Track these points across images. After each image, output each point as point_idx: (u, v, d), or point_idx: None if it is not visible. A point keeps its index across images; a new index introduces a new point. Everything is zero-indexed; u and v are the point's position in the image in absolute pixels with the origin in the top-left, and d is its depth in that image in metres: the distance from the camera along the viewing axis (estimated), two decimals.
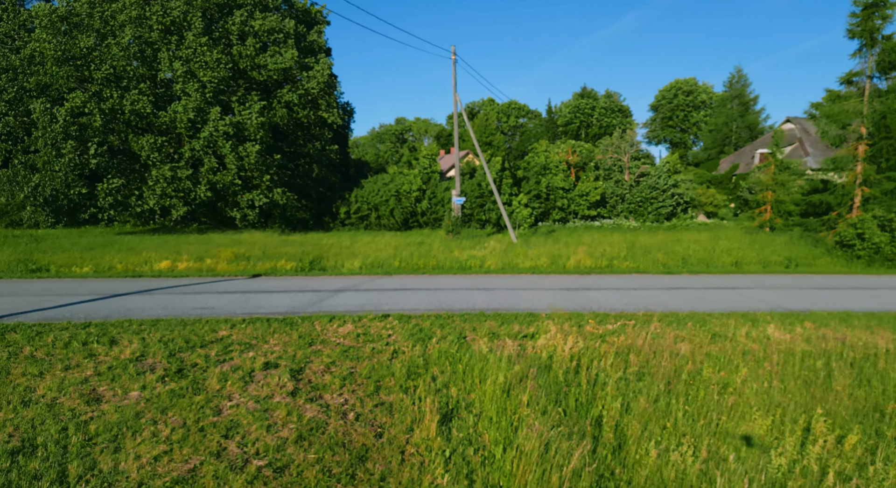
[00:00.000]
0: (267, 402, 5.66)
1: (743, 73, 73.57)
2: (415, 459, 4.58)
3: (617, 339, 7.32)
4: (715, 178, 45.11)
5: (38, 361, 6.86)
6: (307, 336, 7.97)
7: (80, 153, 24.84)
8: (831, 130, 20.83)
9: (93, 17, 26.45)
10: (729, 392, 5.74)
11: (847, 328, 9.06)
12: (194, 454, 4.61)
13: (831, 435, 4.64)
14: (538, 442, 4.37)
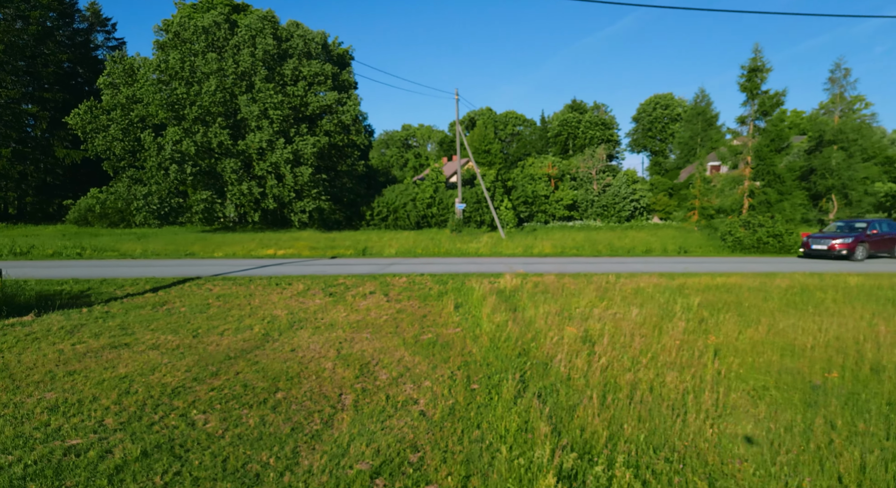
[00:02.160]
0: (376, 303, 12.47)
1: (706, 94, 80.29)
2: (444, 318, 11.40)
3: (538, 281, 14.14)
4: (675, 186, 51.82)
5: (255, 291, 13.73)
6: (385, 282, 14.82)
7: (179, 172, 31.79)
8: (728, 157, 27.53)
9: (183, 70, 33.37)
10: (583, 297, 12.53)
11: (662, 278, 15.84)
12: (358, 320, 11.47)
13: (608, 307, 11.42)
14: (492, 317, 11.19)
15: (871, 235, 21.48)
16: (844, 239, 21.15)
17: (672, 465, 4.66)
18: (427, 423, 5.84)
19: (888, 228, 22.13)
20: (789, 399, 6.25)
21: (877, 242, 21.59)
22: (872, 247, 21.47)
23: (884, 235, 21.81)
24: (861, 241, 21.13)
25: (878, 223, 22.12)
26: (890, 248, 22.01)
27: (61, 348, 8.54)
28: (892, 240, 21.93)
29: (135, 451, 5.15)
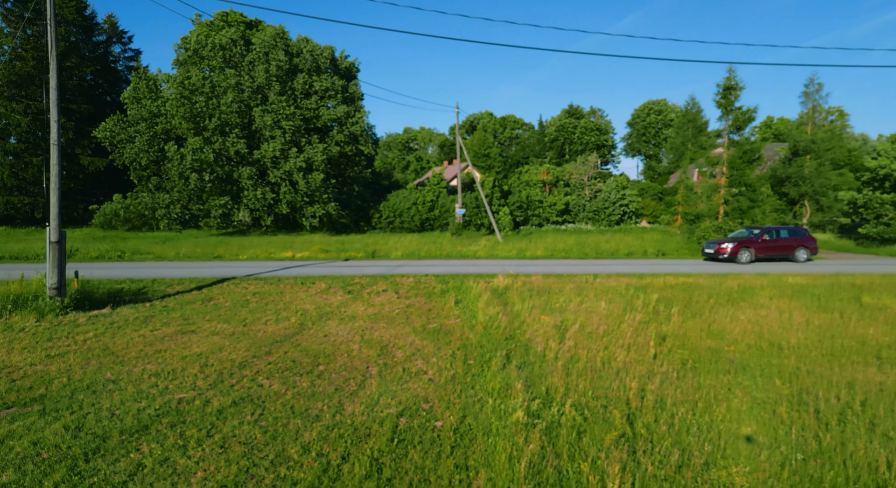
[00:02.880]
0: (386, 298, 14.46)
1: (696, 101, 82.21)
2: (446, 311, 13.39)
3: (527, 281, 16.14)
4: (665, 190, 53.76)
5: (285, 289, 15.74)
6: (395, 282, 16.82)
7: (199, 180, 33.83)
8: (705, 167, 29.55)
9: (204, 86, 35.40)
10: (563, 294, 14.53)
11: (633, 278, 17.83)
12: (375, 313, 13.47)
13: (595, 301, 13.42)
14: (486, 310, 13.20)
15: (759, 241, 23.07)
16: (728, 244, 22.95)
17: (604, 406, 6.67)
18: (434, 386, 7.83)
19: (788, 234, 23.63)
20: (713, 364, 8.25)
21: (766, 247, 23.08)
22: (760, 252, 22.96)
23: (776, 241, 23.29)
24: (745, 246, 22.79)
25: (777, 230, 23.69)
26: (786, 253, 23.39)
27: (143, 333, 10.55)
28: (786, 246, 23.41)
29: (227, 402, 7.16)
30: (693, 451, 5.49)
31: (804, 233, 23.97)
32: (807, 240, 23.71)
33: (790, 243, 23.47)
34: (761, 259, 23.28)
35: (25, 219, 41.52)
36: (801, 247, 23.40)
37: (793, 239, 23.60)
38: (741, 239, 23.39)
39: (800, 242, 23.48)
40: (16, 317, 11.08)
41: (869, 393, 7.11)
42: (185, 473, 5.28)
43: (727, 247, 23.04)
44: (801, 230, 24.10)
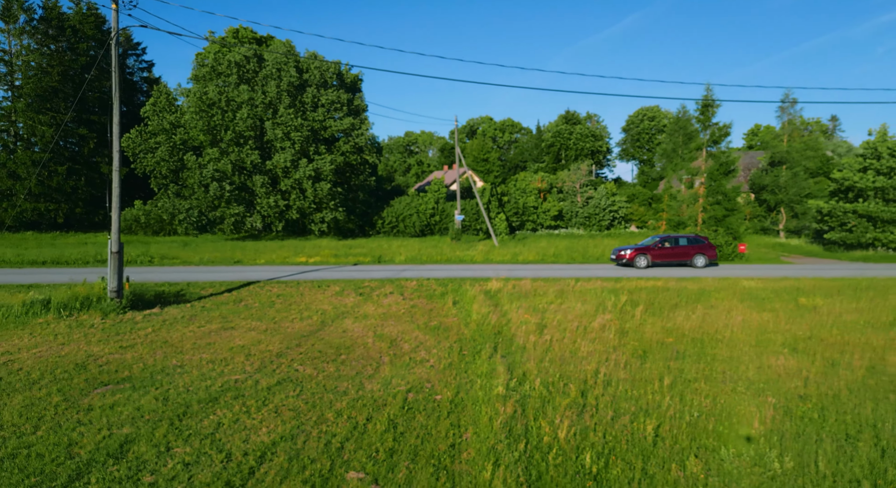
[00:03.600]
0: (393, 299, 16.31)
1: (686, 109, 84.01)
2: (445, 311, 15.25)
3: (516, 284, 18.01)
4: (654, 196, 55.58)
5: (305, 291, 17.60)
6: (400, 285, 18.69)
7: (218, 189, 35.74)
8: (685, 178, 31.40)
9: (220, 100, 37.32)
10: (546, 297, 16.38)
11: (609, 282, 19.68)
12: (384, 312, 15.32)
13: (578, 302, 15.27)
14: (479, 310, 15.05)
15: (656, 248, 24.74)
16: (628, 250, 24.74)
17: (565, 383, 8.54)
18: (435, 371, 9.69)
19: (687, 242, 25.08)
20: (660, 354, 10.11)
21: (663, 254, 24.72)
22: (656, 258, 24.62)
23: (674, 248, 24.85)
24: (642, 253, 24.52)
25: (677, 238, 25.25)
26: (684, 259, 24.82)
27: (192, 329, 12.41)
28: (684, 253, 24.83)
29: (272, 382, 9.02)
30: (624, 413, 7.37)
31: (703, 241, 25.34)
32: (705, 247, 25.05)
33: (688, 250, 24.91)
34: (658, 264, 24.78)
35: (50, 225, 43.39)
36: (698, 253, 24.80)
37: (691, 246, 25.04)
38: (641, 246, 25.13)
39: (698, 249, 24.88)
40: (84, 315, 12.96)
41: (772, 373, 8.98)
42: (253, 428, 7.15)
43: (626, 253, 24.68)
44: (700, 238, 25.47)
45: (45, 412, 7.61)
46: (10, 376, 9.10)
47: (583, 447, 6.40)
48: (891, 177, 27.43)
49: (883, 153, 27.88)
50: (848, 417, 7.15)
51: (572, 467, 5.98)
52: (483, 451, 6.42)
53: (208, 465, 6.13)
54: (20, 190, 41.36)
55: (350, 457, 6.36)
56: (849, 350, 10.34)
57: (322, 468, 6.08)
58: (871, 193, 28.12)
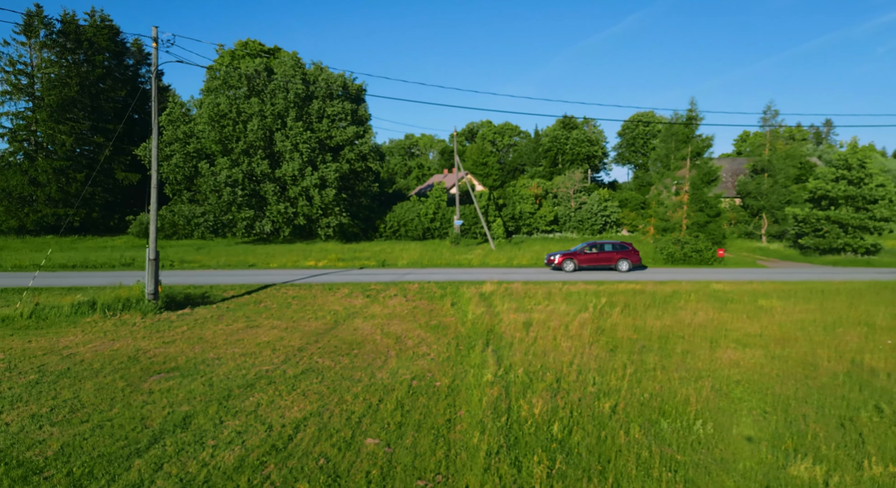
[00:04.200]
0: (397, 301, 17.83)
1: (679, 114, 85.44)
2: (444, 311, 16.77)
3: (508, 287, 19.53)
4: (645, 201, 56.99)
5: (318, 294, 19.12)
6: (403, 288, 20.21)
7: (231, 194, 37.27)
8: (672, 186, 32.92)
9: (232, 112, 38.87)
10: (534, 298, 17.89)
11: (592, 285, 21.19)
12: (389, 313, 16.85)
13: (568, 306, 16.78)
14: (474, 310, 16.57)
15: (582, 253, 26.09)
16: (557, 255, 26.11)
17: (545, 371, 10.06)
18: (435, 363, 11.20)
19: (612, 248, 26.33)
20: (629, 348, 11.63)
21: (588, 259, 26.01)
22: (583, 263, 25.92)
23: (599, 254, 26.11)
24: (568, 258, 25.86)
25: (603, 244, 26.58)
26: (609, 263, 26.02)
27: (221, 327, 13.93)
28: (608, 258, 26.04)
29: (297, 371, 10.54)
30: (589, 395, 8.90)
31: (627, 247, 26.50)
32: (629, 253, 26.22)
33: (612, 255, 26.14)
34: (584, 268, 26.04)
35: (69, 229, 44.86)
36: (622, 258, 26.00)
37: (615, 252, 26.26)
38: (569, 252, 26.49)
39: (621, 255, 26.08)
40: (126, 315, 14.48)
41: (718, 363, 10.51)
42: (287, 407, 8.66)
43: (555, 259, 26.03)
44: (625, 245, 26.68)
45: (115, 394, 9.13)
46: (76, 366, 10.63)
47: (553, 420, 7.93)
48: (860, 187, 28.97)
49: (853, 164, 29.41)
50: (769, 397, 8.68)
51: (543, 434, 7.50)
52: (473, 423, 7.95)
53: (255, 433, 7.65)
54: (41, 196, 42.88)
55: (367, 428, 7.88)
56: (790, 345, 11.87)
57: (345, 435, 7.61)
58: (843, 201, 29.65)
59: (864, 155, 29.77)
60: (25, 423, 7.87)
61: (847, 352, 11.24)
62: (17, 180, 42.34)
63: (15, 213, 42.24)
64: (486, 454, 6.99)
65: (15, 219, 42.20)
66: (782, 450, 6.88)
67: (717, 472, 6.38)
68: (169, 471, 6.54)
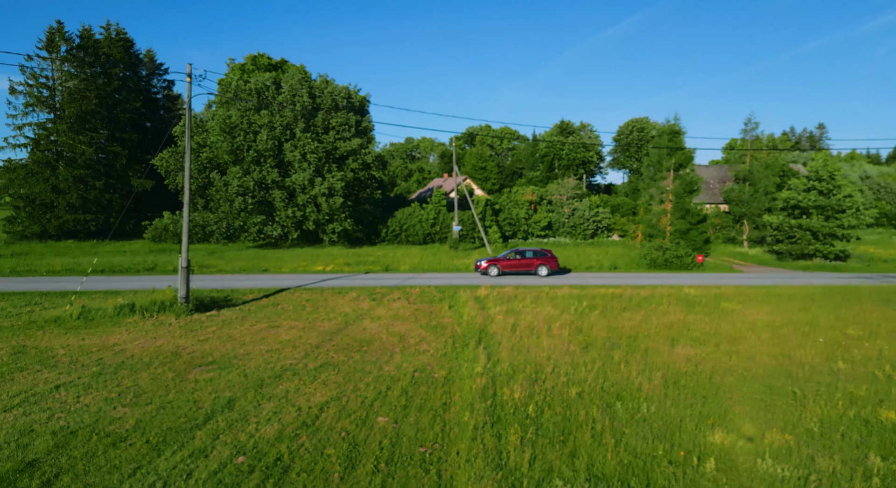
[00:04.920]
0: (400, 304, 19.49)
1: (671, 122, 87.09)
2: (442, 313, 18.44)
3: (500, 291, 21.20)
4: (636, 207, 58.61)
5: (328, 297, 20.79)
6: (406, 291, 21.88)
7: (243, 202, 38.97)
8: (656, 195, 34.61)
9: (243, 123, 40.59)
10: (523, 301, 19.55)
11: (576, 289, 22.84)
12: (393, 314, 18.53)
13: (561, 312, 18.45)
14: (469, 313, 18.24)
15: (505, 260, 27.45)
16: (484, 261, 27.49)
17: (527, 365, 11.74)
18: (434, 358, 12.87)
19: (532, 255, 27.66)
20: (600, 345, 13.30)
21: (511, 265, 27.30)
22: (506, 268, 27.24)
23: (521, 260, 27.39)
24: (493, 264, 27.26)
25: (524, 252, 27.95)
26: (529, 269, 27.31)
27: (246, 327, 15.60)
28: (529, 264, 27.31)
29: (317, 365, 12.21)
30: (560, 383, 10.58)
31: (546, 254, 27.84)
32: (548, 259, 27.51)
33: (532, 261, 27.43)
34: (507, 273, 27.36)
35: (87, 234, 46.46)
36: (541, 264, 27.31)
37: (535, 258, 27.56)
38: (495, 258, 27.72)
39: (541, 261, 27.38)
40: (162, 316, 16.15)
41: (674, 358, 12.19)
42: (311, 393, 10.33)
43: (482, 264, 27.39)
44: (544, 252, 27.99)
45: (168, 383, 10.81)
46: (128, 360, 12.30)
47: (528, 403, 9.60)
48: (829, 197, 30.61)
49: (824, 176, 31.05)
50: (708, 385, 10.37)
51: (520, 414, 9.18)
52: (464, 406, 9.63)
53: (288, 413, 9.32)
54: (62, 202, 44.57)
55: (378, 409, 9.55)
56: (739, 343, 13.55)
57: (361, 414, 9.28)
58: (814, 211, 31.27)
59: (833, 167, 31.43)
60: (101, 405, 9.55)
61: (785, 348, 12.92)
62: (39, 187, 44.04)
63: (38, 219, 43.92)
64: (474, 428, 8.66)
65: (37, 225, 43.88)
66: (707, 425, 8.56)
67: (653, 440, 8.06)
68: (225, 440, 8.22)
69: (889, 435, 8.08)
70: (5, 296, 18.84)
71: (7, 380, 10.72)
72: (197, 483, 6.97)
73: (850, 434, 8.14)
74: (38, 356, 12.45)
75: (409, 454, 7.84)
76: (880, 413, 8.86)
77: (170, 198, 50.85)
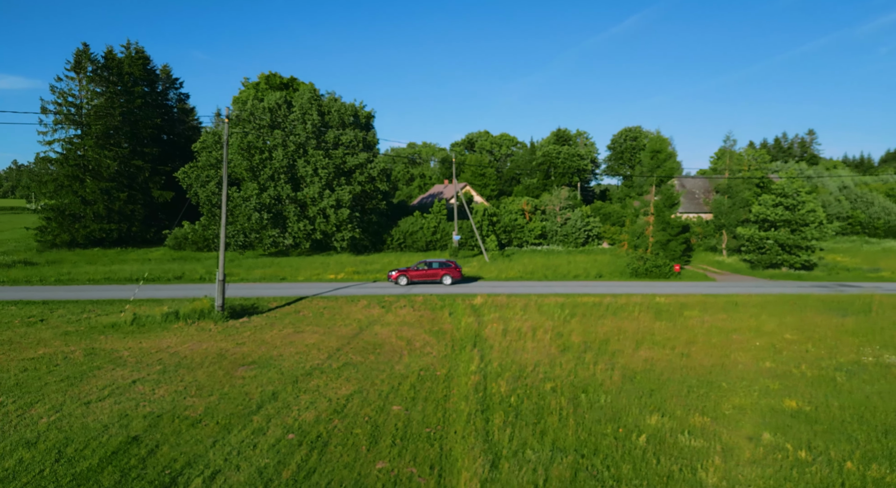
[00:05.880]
0: (406, 311, 21.69)
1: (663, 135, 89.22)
2: (443, 320, 20.64)
3: (495, 300, 23.44)
4: (623, 217, 60.67)
5: (343, 305, 23.02)
6: (411, 300, 24.08)
7: (259, 217, 41.25)
8: (640, 208, 36.81)
9: (259, 142, 42.89)
10: (513, 310, 21.76)
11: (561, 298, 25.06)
12: (401, 321, 20.75)
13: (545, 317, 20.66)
14: (466, 319, 20.46)
15: (413, 270, 28.70)
16: (394, 271, 28.81)
17: (513, 365, 13.97)
18: (436, 359, 15.10)
19: (438, 266, 29.05)
20: (575, 348, 15.51)
21: (418, 275, 28.54)
22: (414, 278, 28.46)
23: (427, 270, 28.73)
24: (402, 274, 28.52)
25: (431, 263, 29.36)
26: (435, 279, 28.61)
27: (275, 332, 17.81)
28: (434, 274, 28.65)
29: (339, 365, 14.44)
30: (539, 380, 12.81)
31: (450, 264, 29.20)
32: (451, 269, 28.90)
33: (438, 272, 28.82)
34: (415, 283, 28.55)
35: (111, 242, 48.69)
36: (446, 274, 28.69)
37: (441, 269, 28.97)
38: (404, 269, 29.05)
39: (445, 271, 28.80)
40: (202, 322, 18.37)
41: (636, 358, 14.41)
42: (338, 388, 12.56)
43: (392, 274, 28.72)
44: (448, 263, 29.41)
45: (221, 378, 13.04)
46: (183, 360, 14.52)
47: (511, 395, 11.83)
48: (794, 213, 32.79)
49: (789, 193, 33.25)
50: (657, 381, 12.60)
51: (504, 403, 11.40)
52: (460, 397, 11.86)
53: (321, 403, 11.54)
54: (89, 213, 46.79)
55: (392, 400, 11.77)
56: (692, 346, 15.76)
57: (379, 404, 11.50)
58: (781, 224, 33.45)
59: (798, 185, 33.68)
60: (174, 396, 11.79)
61: (728, 350, 15.15)
62: (69, 199, 46.32)
63: (67, 228, 46.17)
64: (468, 414, 10.89)
65: (67, 234, 46.12)
66: (651, 411, 10.78)
67: (605, 422, 10.28)
68: (276, 423, 10.45)
69: (784, 419, 10.32)
70: (63, 304, 21.07)
71: (92, 376, 12.96)
72: (262, 451, 9.21)
73: (755, 417, 10.38)
74: (107, 356, 14.68)
75: (418, 433, 10.06)
76: (785, 402, 11.09)
77: (190, 207, 53.12)
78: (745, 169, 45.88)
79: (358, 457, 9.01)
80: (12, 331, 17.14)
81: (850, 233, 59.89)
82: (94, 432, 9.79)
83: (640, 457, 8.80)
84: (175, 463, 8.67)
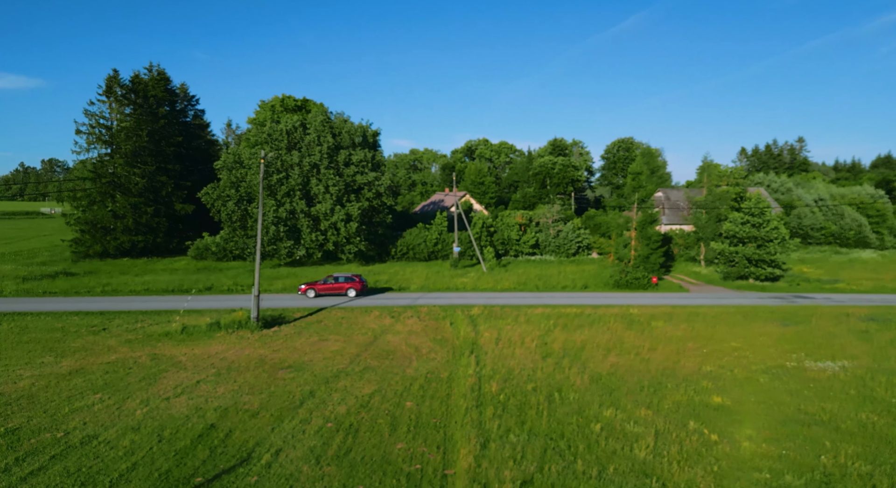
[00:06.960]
0: (413, 321, 24.32)
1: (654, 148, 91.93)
2: (445, 329, 23.29)
3: (490, 311, 26.09)
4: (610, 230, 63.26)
5: (358, 315, 25.68)
6: (417, 310, 26.72)
7: (276, 231, 44.00)
8: (624, 224, 39.49)
9: (276, 162, 45.67)
10: (506, 320, 24.39)
11: (548, 309, 27.69)
12: (409, 330, 23.42)
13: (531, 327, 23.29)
14: (465, 329, 23.13)
15: (321, 284, 30.21)
16: (304, 285, 30.23)
17: (503, 369, 16.63)
18: (440, 364, 17.74)
19: (343, 280, 30.52)
20: (555, 355, 18.15)
21: (326, 288, 29.94)
22: (321, 291, 29.77)
23: (334, 284, 30.20)
24: (311, 287, 29.82)
25: (338, 277, 30.76)
26: (340, 291, 30.03)
27: (303, 340, 20.45)
28: (340, 287, 30.14)
29: (360, 368, 17.10)
30: (523, 381, 15.48)
31: (355, 279, 30.78)
32: (355, 283, 30.53)
33: (343, 285, 30.38)
34: (323, 295, 29.85)
35: (138, 252, 51.42)
36: (350, 288, 30.22)
37: (346, 282, 30.56)
38: (312, 282, 30.64)
39: (350, 285, 30.38)
40: (241, 332, 21.03)
41: (604, 364, 17.07)
42: (360, 387, 15.22)
43: (302, 288, 30.09)
44: (353, 277, 30.89)
45: (266, 380, 15.70)
46: (232, 364, 17.18)
47: (500, 393, 14.49)
48: (759, 230, 35.44)
49: (755, 212, 35.93)
50: (619, 382, 15.26)
51: (495, 400, 14.06)
52: (460, 395, 14.52)
53: (349, 399, 14.20)
54: (119, 226, 49.58)
55: (406, 397, 14.43)
56: (652, 353, 18.39)
57: (395, 401, 14.16)
58: (748, 240, 36.11)
59: (764, 204, 36.41)
60: (233, 394, 14.45)
61: (680, 356, 17.81)
62: (101, 214, 49.10)
63: (99, 240, 48.95)
64: (466, 409, 13.56)
65: (99, 245, 48.88)
66: (608, 406, 13.45)
67: (571, 414, 12.95)
68: (317, 414, 13.11)
69: (709, 411, 12.99)
70: (118, 315, 23.76)
71: (162, 378, 15.64)
72: (309, 435, 11.88)
73: (687, 410, 13.06)
74: (169, 361, 17.36)
75: (427, 422, 12.72)
76: (713, 398, 13.76)
77: (208, 219, 55.82)
78: (724, 184, 48.58)
79: (382, 440, 11.67)
80: (83, 339, 19.82)
81: (822, 243, 62.52)
82: (180, 421, 12.46)
83: (594, 440, 11.46)
84: (247, 443, 11.34)
